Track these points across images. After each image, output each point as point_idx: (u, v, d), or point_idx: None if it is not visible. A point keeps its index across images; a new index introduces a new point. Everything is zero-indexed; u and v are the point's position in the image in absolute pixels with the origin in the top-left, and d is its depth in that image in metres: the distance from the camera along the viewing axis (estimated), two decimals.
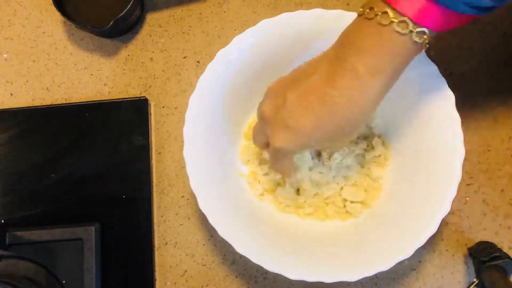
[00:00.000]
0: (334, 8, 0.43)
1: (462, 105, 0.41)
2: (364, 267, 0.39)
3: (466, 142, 0.40)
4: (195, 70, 0.53)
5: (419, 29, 0.32)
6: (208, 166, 0.43)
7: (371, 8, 0.33)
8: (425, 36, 0.32)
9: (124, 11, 0.49)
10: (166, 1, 0.55)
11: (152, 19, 0.55)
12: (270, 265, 0.40)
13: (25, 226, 0.48)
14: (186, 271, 0.49)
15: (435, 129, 0.41)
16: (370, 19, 0.32)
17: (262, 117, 0.39)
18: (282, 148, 0.37)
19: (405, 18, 0.31)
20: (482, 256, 0.43)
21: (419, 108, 0.42)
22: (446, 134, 0.40)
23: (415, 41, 0.32)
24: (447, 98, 0.41)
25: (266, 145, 0.42)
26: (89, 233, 0.47)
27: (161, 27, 0.54)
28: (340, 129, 0.36)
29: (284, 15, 0.44)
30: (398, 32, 0.32)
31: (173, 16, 0.55)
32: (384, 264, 0.39)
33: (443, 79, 0.41)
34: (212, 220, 0.41)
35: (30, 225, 0.48)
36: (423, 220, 0.40)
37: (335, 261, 0.41)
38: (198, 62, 0.53)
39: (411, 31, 0.32)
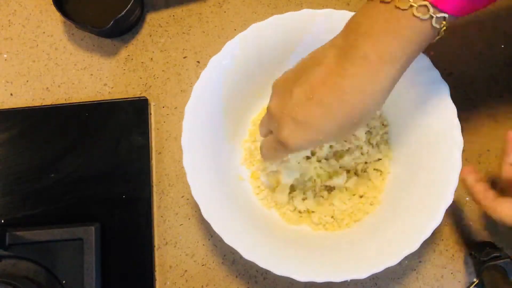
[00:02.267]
0: (334, 8, 0.44)
1: (462, 105, 0.41)
2: (371, 264, 0.39)
3: (466, 142, 0.40)
4: (195, 70, 0.53)
5: (439, 15, 0.30)
6: (209, 174, 0.43)
7: None
8: (444, 22, 0.30)
9: (124, 11, 0.49)
10: (166, 1, 0.55)
11: (152, 19, 0.55)
12: (278, 269, 0.39)
13: (25, 226, 0.48)
14: (186, 271, 0.49)
15: (433, 121, 0.41)
16: (386, 3, 0.31)
17: (269, 114, 0.37)
18: (290, 144, 0.35)
19: (426, 3, 0.30)
20: (482, 256, 0.43)
21: (417, 102, 0.43)
22: (444, 126, 0.41)
23: (434, 26, 0.30)
24: (442, 89, 0.41)
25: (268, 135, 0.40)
26: (89, 233, 0.47)
27: (161, 27, 0.54)
28: (349, 120, 0.33)
29: (273, 18, 0.44)
30: (417, 17, 0.30)
31: (173, 16, 0.55)
32: (392, 259, 0.39)
33: (437, 71, 0.41)
34: (216, 228, 0.41)
35: (30, 225, 0.48)
36: (427, 213, 0.40)
37: (342, 260, 0.41)
38: (198, 62, 0.53)
39: (431, 16, 0.30)
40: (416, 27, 0.30)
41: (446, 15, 0.30)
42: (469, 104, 0.50)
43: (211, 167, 0.44)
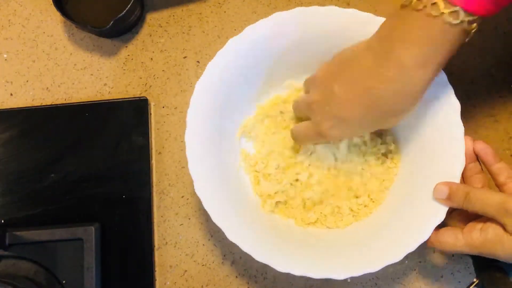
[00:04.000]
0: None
1: (462, 105, 0.41)
2: (351, 267, 0.39)
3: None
4: (195, 70, 0.53)
5: (470, 18, 0.31)
6: (208, 153, 0.43)
7: None
8: (475, 24, 0.32)
9: (124, 11, 0.49)
10: (166, 1, 0.55)
11: (152, 19, 0.55)
12: (259, 255, 0.39)
13: (25, 226, 0.48)
14: (186, 271, 0.49)
15: (437, 135, 0.41)
16: (418, 10, 0.32)
17: (311, 107, 0.40)
18: (331, 136, 0.40)
19: (457, 8, 0.31)
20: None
21: (424, 115, 0.43)
22: (448, 141, 0.40)
23: (465, 29, 0.32)
24: (451, 106, 0.41)
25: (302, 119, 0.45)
26: (89, 233, 0.47)
27: (161, 27, 0.54)
28: (386, 118, 0.37)
29: (298, 9, 0.43)
30: (449, 23, 0.31)
31: (173, 16, 0.55)
32: (373, 266, 0.39)
33: (451, 87, 0.41)
34: (206, 205, 0.41)
35: (30, 225, 0.48)
36: (417, 227, 0.39)
37: (323, 257, 0.41)
38: (198, 62, 0.53)
39: (462, 21, 0.31)
40: (449, 32, 0.32)
41: (476, 17, 0.32)
42: (469, 104, 0.50)
43: (211, 148, 0.44)
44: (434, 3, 0.31)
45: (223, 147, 0.46)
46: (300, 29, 0.44)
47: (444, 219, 0.39)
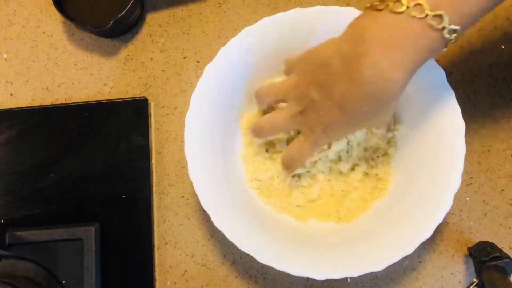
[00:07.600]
0: None
1: (462, 105, 0.41)
2: (369, 263, 0.40)
3: (466, 142, 0.40)
4: (195, 70, 0.53)
5: (452, 26, 0.32)
6: (208, 153, 0.44)
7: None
8: (455, 35, 0.32)
9: (124, 11, 0.50)
10: (166, 1, 0.55)
11: (152, 19, 0.55)
12: (278, 264, 0.40)
13: (25, 226, 0.48)
14: (186, 271, 0.49)
15: (437, 125, 0.42)
16: (398, 13, 0.32)
17: (295, 119, 0.41)
18: (324, 140, 0.40)
19: (441, 12, 0.31)
20: (482, 256, 0.43)
21: (422, 107, 0.43)
22: (448, 131, 0.41)
23: (445, 37, 0.32)
24: (448, 94, 0.41)
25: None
26: (89, 233, 0.46)
27: (161, 27, 0.55)
28: (367, 120, 0.38)
29: (281, 14, 0.44)
30: (431, 26, 0.31)
31: (173, 16, 0.55)
32: (377, 265, 0.39)
33: (448, 84, 0.41)
34: (216, 222, 0.41)
35: (30, 225, 0.48)
36: (426, 218, 0.40)
37: (340, 257, 0.41)
38: (198, 62, 0.53)
39: (444, 27, 0.31)
40: (428, 37, 0.32)
41: (458, 28, 0.31)
42: (469, 104, 0.50)
43: (212, 147, 0.44)
44: (398, 1, 0.32)
45: (223, 159, 0.46)
46: (290, 30, 0.45)
47: None
